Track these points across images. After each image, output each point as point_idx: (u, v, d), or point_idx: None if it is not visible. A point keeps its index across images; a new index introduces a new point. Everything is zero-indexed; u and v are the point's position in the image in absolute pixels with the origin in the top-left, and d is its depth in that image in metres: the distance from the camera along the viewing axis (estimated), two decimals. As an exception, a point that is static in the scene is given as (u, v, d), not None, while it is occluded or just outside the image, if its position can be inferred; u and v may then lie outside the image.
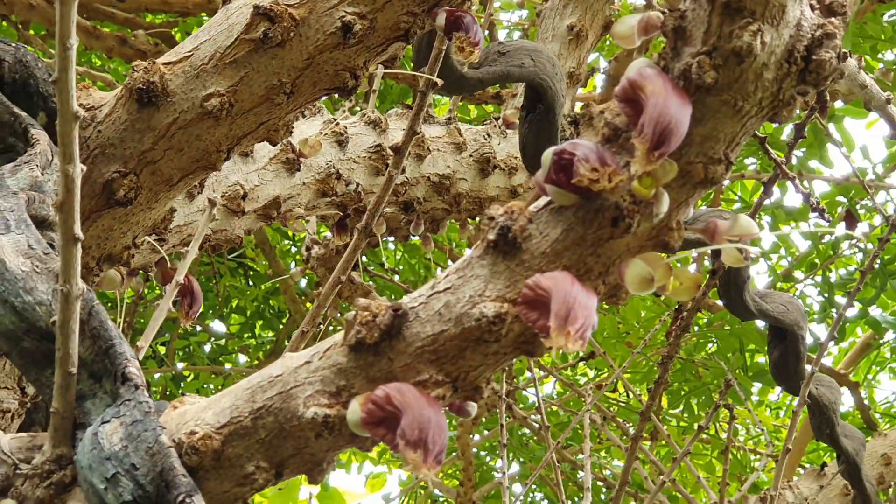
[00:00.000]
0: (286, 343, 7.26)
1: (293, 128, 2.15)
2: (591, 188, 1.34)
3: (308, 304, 7.12)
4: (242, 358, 7.53)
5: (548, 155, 1.36)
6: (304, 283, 7.10)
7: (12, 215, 1.67)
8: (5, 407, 2.15)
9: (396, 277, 6.55)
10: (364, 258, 5.60)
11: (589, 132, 3.82)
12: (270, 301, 7.18)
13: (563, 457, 5.47)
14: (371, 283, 4.74)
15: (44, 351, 1.60)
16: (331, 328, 6.76)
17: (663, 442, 5.77)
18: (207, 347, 7.34)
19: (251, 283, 7.27)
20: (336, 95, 2.10)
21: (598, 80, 5.71)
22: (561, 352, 1.31)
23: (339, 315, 5.72)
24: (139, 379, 1.54)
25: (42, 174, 1.83)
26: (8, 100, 1.98)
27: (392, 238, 3.68)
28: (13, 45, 2.05)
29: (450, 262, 6.62)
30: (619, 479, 2.94)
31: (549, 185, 1.37)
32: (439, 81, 2.19)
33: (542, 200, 1.41)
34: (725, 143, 1.39)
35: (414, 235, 3.52)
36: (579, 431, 5.91)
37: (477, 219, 3.77)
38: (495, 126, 3.63)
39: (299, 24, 2.03)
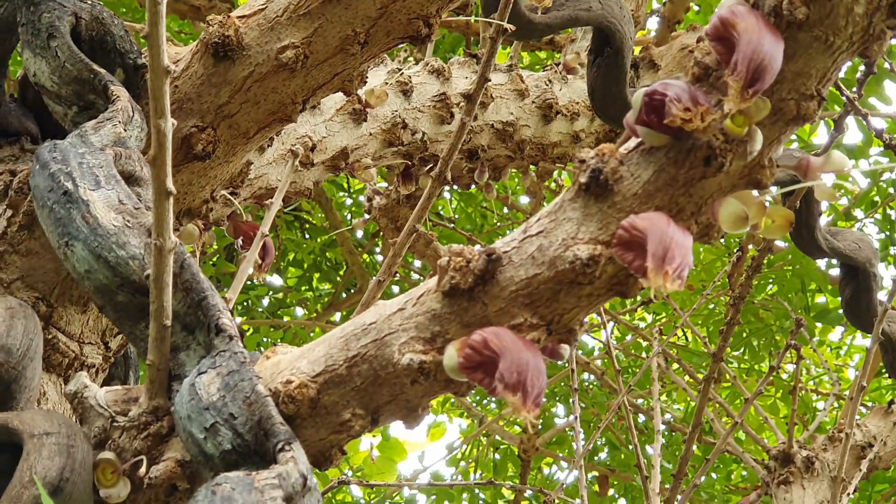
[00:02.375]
0: (344, 295, 7.30)
1: (367, 77, 2.15)
2: (683, 128, 1.34)
3: (365, 256, 7.15)
4: (300, 311, 7.56)
5: (638, 96, 1.36)
6: (359, 234, 7.12)
7: (101, 171, 1.69)
8: (90, 362, 2.17)
9: (452, 226, 6.57)
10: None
11: (649, 74, 3.81)
12: (327, 253, 7.20)
13: (627, 401, 5.47)
14: (433, 231, 4.74)
15: (137, 304, 1.62)
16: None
17: (726, 384, 5.77)
18: (266, 301, 7.38)
19: (307, 235, 7.29)
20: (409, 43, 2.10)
21: (652, 23, 5.67)
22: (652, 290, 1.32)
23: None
24: (233, 330, 1.56)
25: (125, 130, 1.85)
26: (86, 57, 1.99)
27: (450, 186, 3.68)
28: (89, 2, 2.06)
29: (505, 210, 6.62)
30: (693, 422, 2.94)
31: (641, 127, 1.37)
32: (510, 27, 2.19)
33: (633, 142, 1.41)
34: (817, 79, 1.38)
35: (477, 183, 3.52)
36: (643, 378, 5.92)
37: (536, 166, 3.76)
38: (556, 72, 3.61)
39: (372, -28, 2.03)
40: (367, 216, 4.32)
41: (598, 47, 2.56)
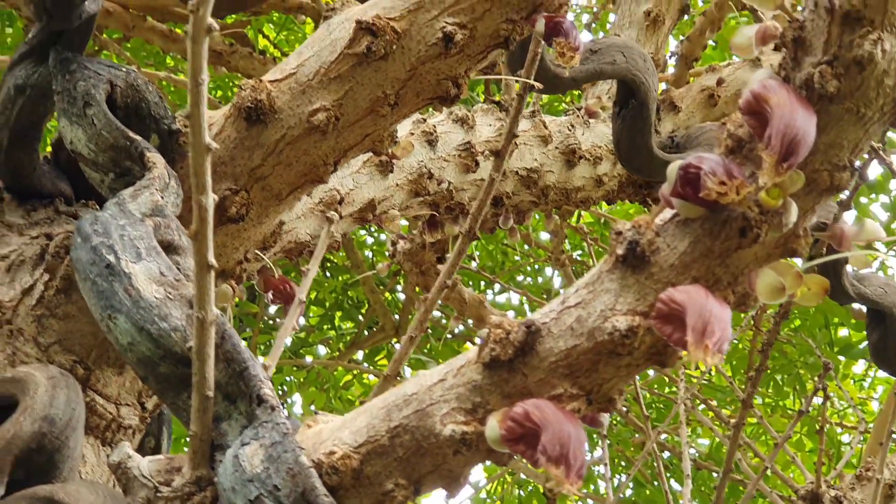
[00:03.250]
0: (366, 333, 7.32)
1: (397, 137, 2.18)
2: (718, 201, 1.36)
3: (387, 294, 7.18)
4: (323, 350, 7.59)
5: (673, 169, 1.38)
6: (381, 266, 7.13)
7: (142, 243, 1.71)
8: (127, 423, 2.20)
9: (474, 264, 6.59)
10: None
11: (670, 116, 3.83)
12: (349, 292, 7.23)
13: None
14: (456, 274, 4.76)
15: (179, 375, 1.64)
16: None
17: (751, 419, 5.77)
18: (288, 340, 7.40)
19: (329, 274, 7.32)
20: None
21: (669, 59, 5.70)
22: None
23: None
24: (274, 400, 1.58)
25: (162, 197, 1.88)
26: (122, 123, 2.02)
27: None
28: (124, 69, 2.09)
29: (526, 247, 6.64)
30: (723, 468, 2.96)
31: (676, 199, 1.39)
32: (538, 85, 2.22)
33: (668, 213, 1.43)
34: (849, 150, 1.40)
35: (503, 228, 3.54)
36: (665, 411, 5.92)
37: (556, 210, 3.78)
38: (578, 116, 3.64)
39: (401, 36, 2.06)
40: (391, 259, 4.34)
41: (623, 99, 2.59)
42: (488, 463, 1.54)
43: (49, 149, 2.37)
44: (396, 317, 7.11)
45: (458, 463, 1.49)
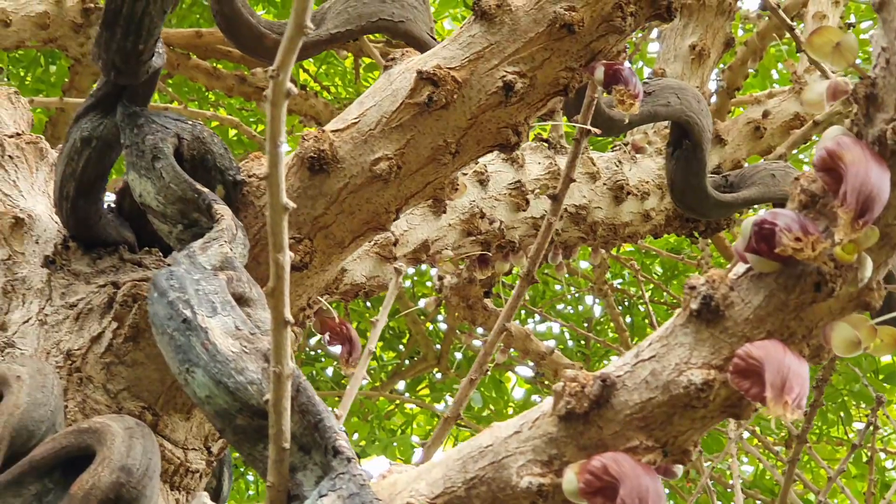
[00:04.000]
0: (406, 364, 7.34)
1: (458, 185, 2.21)
2: (794, 257, 1.38)
3: (428, 324, 7.20)
4: (365, 380, 7.61)
5: (748, 225, 1.40)
6: (421, 302, 7.17)
7: (217, 297, 1.75)
8: (194, 468, 2.23)
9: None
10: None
11: (716, 150, 3.85)
12: (391, 323, 7.26)
13: (696, 466, 5.48)
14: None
15: (255, 427, 1.67)
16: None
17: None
18: (329, 371, 7.44)
19: (370, 304, 7.35)
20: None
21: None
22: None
23: (476, 343, 5.78)
24: (350, 452, 1.60)
25: (231, 249, 1.91)
26: (189, 175, 2.06)
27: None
28: (189, 122, 2.13)
29: (566, 275, 6.66)
30: (779, 502, 2.97)
31: (751, 255, 1.41)
32: (595, 130, 2.24)
33: (741, 267, 1.45)
34: (921, 204, 1.42)
35: (552, 264, 3.57)
36: (708, 437, 5.92)
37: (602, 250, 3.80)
38: (625, 152, 3.66)
39: (462, 86, 2.09)
40: (438, 294, 4.37)
41: (677, 140, 2.61)
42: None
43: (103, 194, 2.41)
44: (438, 346, 7.14)
45: (535, 514, 1.51)
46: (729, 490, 6.04)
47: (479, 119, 2.11)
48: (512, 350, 4.81)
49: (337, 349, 2.69)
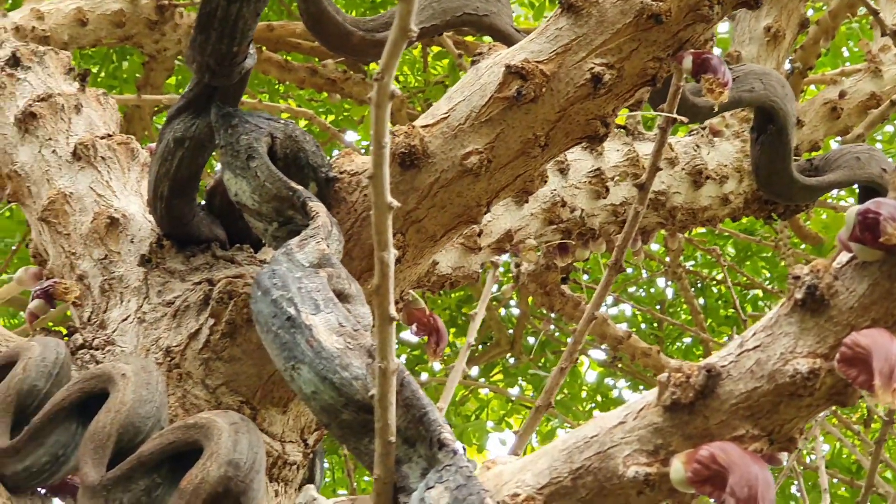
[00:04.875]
0: (479, 350, 7.37)
1: (547, 177, 2.23)
2: (898, 245, 1.39)
3: (500, 310, 7.22)
4: (438, 366, 7.65)
5: (852, 214, 1.41)
6: (495, 288, 7.17)
7: (319, 295, 1.78)
8: (291, 460, 2.27)
9: (585, 277, 6.61)
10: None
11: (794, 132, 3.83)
12: (463, 309, 7.28)
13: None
14: (580, 294, 4.80)
15: (361, 421, 1.70)
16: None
17: (875, 427, 5.73)
18: (403, 358, 7.48)
19: (442, 291, 7.36)
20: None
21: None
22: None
23: (552, 328, 5.80)
24: (456, 444, 1.63)
25: (327, 246, 1.94)
26: (283, 174, 2.09)
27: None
28: (282, 121, 2.17)
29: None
30: (865, 483, 2.96)
31: (855, 244, 1.42)
32: (682, 119, 2.25)
33: (844, 256, 1.46)
34: None
35: (630, 250, 3.57)
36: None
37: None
38: (703, 136, 3.66)
39: (550, 79, 2.11)
40: (515, 282, 4.39)
41: (761, 125, 2.62)
42: None
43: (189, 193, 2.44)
44: (511, 332, 7.16)
45: (640, 502, 1.53)
46: (808, 469, 6.03)
47: (568, 111, 2.13)
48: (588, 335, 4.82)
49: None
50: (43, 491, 2.09)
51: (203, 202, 2.43)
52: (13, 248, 5.46)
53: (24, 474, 2.01)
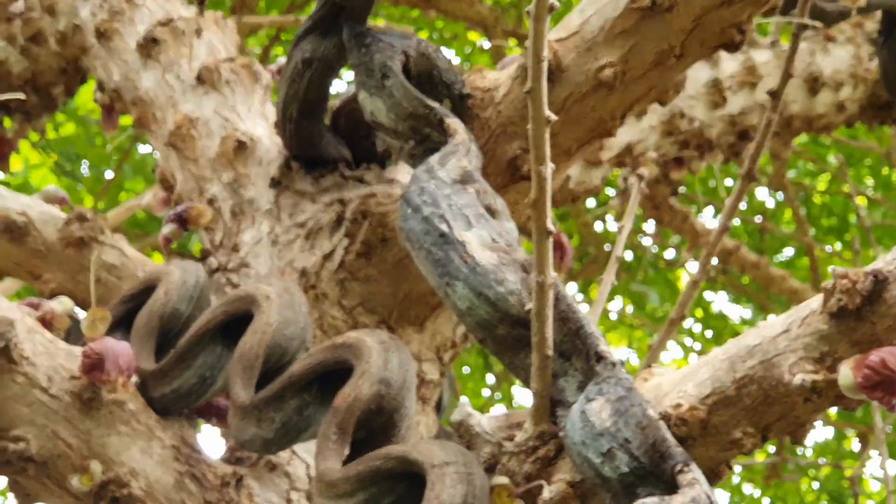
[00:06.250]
0: (576, 267, 7.35)
1: (682, 87, 2.20)
2: None
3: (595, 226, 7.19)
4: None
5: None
6: (591, 203, 7.15)
7: (470, 211, 1.78)
8: (429, 378, 2.29)
9: (681, 189, 6.56)
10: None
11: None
12: (560, 226, 7.26)
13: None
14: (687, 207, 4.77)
15: (516, 336, 1.71)
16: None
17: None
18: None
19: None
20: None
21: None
22: None
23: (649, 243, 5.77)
24: (613, 357, 1.63)
25: (468, 163, 1.94)
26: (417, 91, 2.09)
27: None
28: (414, 38, 2.15)
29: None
30: None
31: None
32: (816, 24, 2.22)
33: None
34: None
35: (739, 158, 3.55)
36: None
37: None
38: (817, 42, 3.60)
39: (686, -14, 2.08)
40: (622, 195, 4.37)
41: (888, 29, 2.57)
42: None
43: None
44: (608, 247, 7.13)
45: (807, 410, 1.53)
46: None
47: (703, 20, 2.09)
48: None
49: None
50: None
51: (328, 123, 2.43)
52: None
53: (171, 396, 2.05)
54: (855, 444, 6.94)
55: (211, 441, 5.19)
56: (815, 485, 7.10)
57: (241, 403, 1.89)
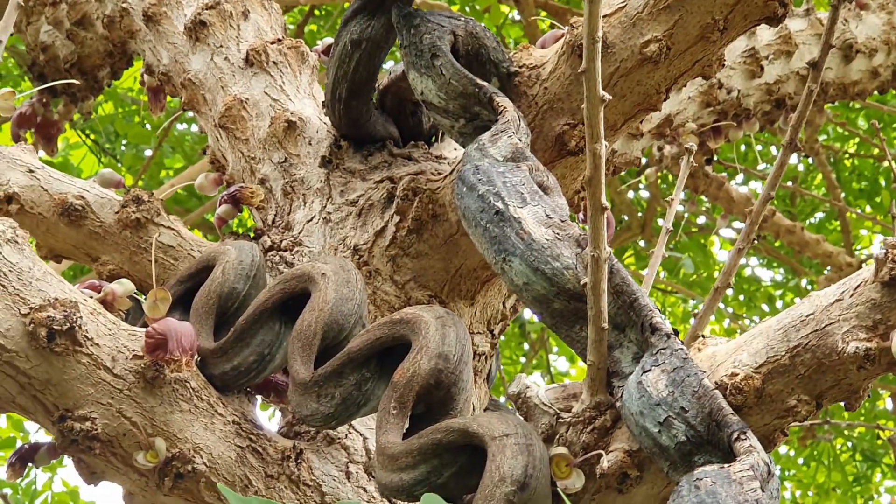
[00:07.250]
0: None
1: (725, 60, 2.23)
2: None
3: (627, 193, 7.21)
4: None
5: None
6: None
7: (524, 188, 1.83)
8: (480, 351, 2.33)
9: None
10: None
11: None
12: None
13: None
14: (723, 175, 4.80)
15: (572, 310, 1.76)
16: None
17: None
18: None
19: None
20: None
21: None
22: None
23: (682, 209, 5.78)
24: (668, 328, 1.68)
25: (519, 140, 1.98)
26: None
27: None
28: (462, 18, 2.19)
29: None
30: None
31: None
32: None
33: None
34: None
35: (783, 127, 3.57)
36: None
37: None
38: (850, 9, 3.62)
39: (729, -39, 2.11)
40: (659, 164, 4.39)
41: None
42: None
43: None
44: (640, 214, 7.15)
45: (860, 377, 1.58)
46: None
47: (748, -7, 2.12)
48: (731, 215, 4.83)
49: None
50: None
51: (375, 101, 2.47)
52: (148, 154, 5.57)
53: (231, 374, 2.09)
54: (888, 403, 7.00)
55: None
56: (850, 444, 7.15)
57: (301, 380, 1.93)
